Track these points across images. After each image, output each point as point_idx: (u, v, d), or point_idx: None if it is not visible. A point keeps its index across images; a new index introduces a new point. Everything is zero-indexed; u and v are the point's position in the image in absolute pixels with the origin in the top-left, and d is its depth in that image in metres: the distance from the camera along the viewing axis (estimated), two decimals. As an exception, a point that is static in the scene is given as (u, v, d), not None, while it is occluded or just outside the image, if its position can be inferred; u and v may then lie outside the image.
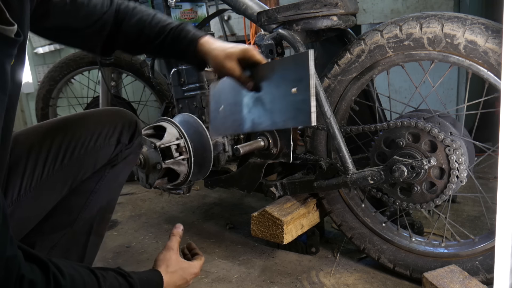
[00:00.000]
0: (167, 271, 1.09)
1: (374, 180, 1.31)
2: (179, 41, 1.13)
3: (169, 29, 1.14)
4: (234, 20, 3.04)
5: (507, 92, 0.90)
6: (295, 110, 0.94)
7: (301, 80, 0.92)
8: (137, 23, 1.14)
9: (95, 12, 1.09)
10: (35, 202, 1.03)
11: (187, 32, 1.14)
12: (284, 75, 0.96)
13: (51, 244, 1.10)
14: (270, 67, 1.02)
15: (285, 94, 0.96)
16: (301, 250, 1.64)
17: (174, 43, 1.14)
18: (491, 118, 1.44)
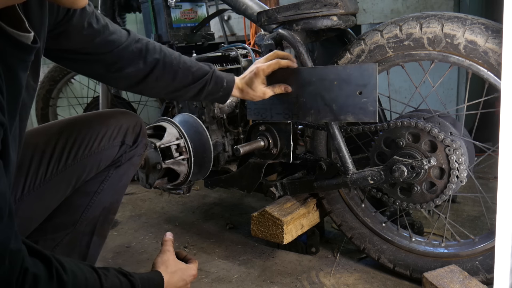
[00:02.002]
0: (167, 272, 1.09)
1: (374, 180, 1.31)
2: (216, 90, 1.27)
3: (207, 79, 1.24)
4: (234, 20, 3.04)
5: (507, 92, 0.90)
6: (359, 108, 1.20)
7: (365, 85, 1.18)
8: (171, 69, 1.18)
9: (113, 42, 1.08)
10: (38, 202, 1.03)
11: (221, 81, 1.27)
12: (350, 79, 1.19)
13: (53, 243, 1.10)
14: (333, 71, 1.23)
15: (349, 95, 1.20)
16: (301, 250, 1.64)
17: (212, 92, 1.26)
18: (491, 118, 1.44)
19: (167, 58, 1.17)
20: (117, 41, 1.08)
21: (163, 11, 1.83)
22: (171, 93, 1.24)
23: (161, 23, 1.86)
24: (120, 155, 1.14)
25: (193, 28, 1.93)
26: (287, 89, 1.31)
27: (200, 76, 1.22)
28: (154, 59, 1.14)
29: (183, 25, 1.90)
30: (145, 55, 1.13)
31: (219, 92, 1.27)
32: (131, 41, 1.12)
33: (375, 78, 1.16)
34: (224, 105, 1.67)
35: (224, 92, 1.28)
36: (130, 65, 1.12)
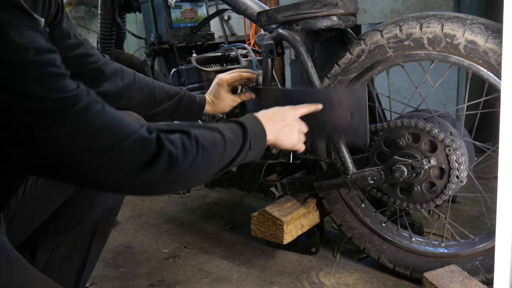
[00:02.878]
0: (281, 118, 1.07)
1: (374, 180, 1.31)
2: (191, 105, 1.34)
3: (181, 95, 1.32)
4: (234, 20, 3.04)
5: (507, 92, 0.90)
6: (351, 131, 1.21)
7: (356, 109, 1.18)
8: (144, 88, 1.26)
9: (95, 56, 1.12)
10: (40, 202, 1.03)
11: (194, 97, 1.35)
12: (341, 102, 1.21)
13: (54, 244, 1.10)
14: (325, 92, 1.26)
15: (341, 117, 1.21)
16: (301, 250, 1.64)
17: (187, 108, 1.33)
18: (491, 118, 1.44)
19: (142, 78, 1.25)
20: (97, 56, 1.13)
21: (163, 11, 1.83)
22: (150, 111, 1.27)
23: (161, 23, 1.86)
24: None
25: (193, 28, 1.93)
26: (252, 96, 1.41)
27: (175, 94, 1.30)
28: (130, 79, 1.21)
29: (183, 25, 1.90)
30: (121, 74, 1.20)
31: (193, 107, 1.33)
32: (107, 60, 1.17)
33: (365, 101, 1.16)
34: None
35: (198, 106, 1.35)
36: (109, 81, 1.15)
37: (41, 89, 0.62)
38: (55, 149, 0.65)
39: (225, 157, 0.86)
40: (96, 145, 0.67)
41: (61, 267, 1.12)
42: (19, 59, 0.61)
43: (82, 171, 0.68)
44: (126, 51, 2.43)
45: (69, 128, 0.65)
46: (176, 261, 1.66)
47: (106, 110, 0.70)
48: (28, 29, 0.62)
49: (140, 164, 0.71)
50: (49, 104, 0.63)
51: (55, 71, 0.64)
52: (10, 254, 0.79)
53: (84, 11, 3.42)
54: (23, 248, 1.03)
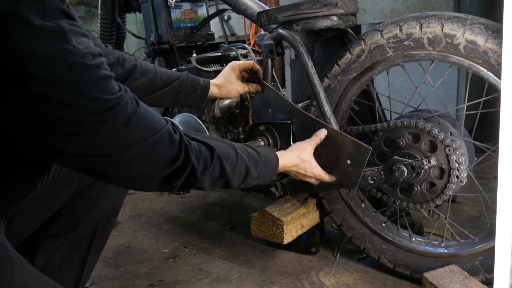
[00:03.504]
0: (294, 153, 1.19)
1: (374, 180, 1.31)
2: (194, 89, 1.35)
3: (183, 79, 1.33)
4: (234, 20, 3.05)
5: (507, 92, 0.90)
6: (344, 173, 1.26)
7: (355, 159, 1.23)
8: None
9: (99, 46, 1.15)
10: (40, 204, 1.03)
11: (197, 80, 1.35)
12: (344, 148, 1.25)
13: (54, 246, 1.10)
14: (332, 133, 1.27)
15: (340, 158, 1.25)
16: (301, 250, 1.64)
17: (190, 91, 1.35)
18: (491, 118, 1.44)
19: (143, 64, 1.28)
20: (100, 46, 1.15)
21: (163, 11, 1.83)
22: (150, 95, 1.28)
23: (161, 23, 1.86)
24: None
25: (193, 28, 1.93)
26: (258, 88, 1.45)
27: (177, 77, 1.32)
28: (131, 65, 1.24)
29: (183, 25, 1.90)
30: (122, 62, 1.23)
31: (197, 90, 1.34)
32: (110, 50, 1.20)
33: (366, 158, 1.21)
34: (224, 105, 1.67)
35: (202, 90, 1.35)
36: None
37: (97, 90, 0.69)
38: (100, 143, 0.72)
39: (235, 180, 0.96)
40: (132, 139, 0.75)
41: (60, 269, 1.12)
42: (82, 63, 0.67)
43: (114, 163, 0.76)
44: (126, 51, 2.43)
45: (114, 125, 0.72)
46: (176, 261, 1.66)
47: (140, 106, 0.78)
48: (82, 36, 0.69)
49: (164, 159, 0.80)
50: (103, 104, 0.70)
51: (106, 73, 0.71)
52: (11, 254, 0.79)
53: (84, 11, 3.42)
54: (23, 250, 1.03)
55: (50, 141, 0.69)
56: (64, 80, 0.65)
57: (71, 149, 0.71)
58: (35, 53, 0.63)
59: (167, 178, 0.82)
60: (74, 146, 0.70)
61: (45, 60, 0.63)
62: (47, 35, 0.63)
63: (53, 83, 0.64)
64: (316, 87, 1.35)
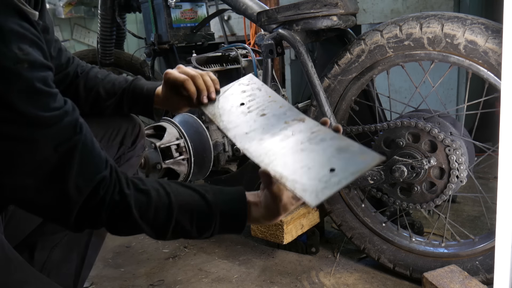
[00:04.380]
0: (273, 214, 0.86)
1: (374, 180, 1.31)
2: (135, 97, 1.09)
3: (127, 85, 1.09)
4: (234, 20, 3.04)
5: (507, 92, 0.90)
6: None
7: None
8: None
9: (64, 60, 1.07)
10: None
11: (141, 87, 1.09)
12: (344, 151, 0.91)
13: (52, 244, 1.10)
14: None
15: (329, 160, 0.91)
16: (301, 250, 1.64)
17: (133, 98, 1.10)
18: (491, 118, 1.44)
19: (92, 71, 1.14)
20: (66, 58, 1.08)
21: (163, 11, 1.83)
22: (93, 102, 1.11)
23: (161, 23, 1.86)
24: (118, 156, 1.14)
25: (193, 28, 1.93)
26: None
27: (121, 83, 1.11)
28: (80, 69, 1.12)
29: (183, 25, 1.90)
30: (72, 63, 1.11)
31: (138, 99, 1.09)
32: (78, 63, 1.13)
33: None
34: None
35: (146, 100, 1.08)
36: None
37: (26, 103, 0.63)
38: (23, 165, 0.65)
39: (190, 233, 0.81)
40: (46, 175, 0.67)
41: (59, 267, 1.12)
42: (15, 69, 0.61)
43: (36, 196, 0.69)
44: (126, 51, 2.43)
45: (38, 147, 0.65)
46: (176, 261, 1.66)
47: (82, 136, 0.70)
48: (29, 42, 0.63)
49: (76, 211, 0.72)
50: (30, 119, 0.63)
51: (42, 88, 0.65)
52: (8, 253, 0.79)
53: (84, 11, 3.42)
54: (21, 248, 1.03)
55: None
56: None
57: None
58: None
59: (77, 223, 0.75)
60: None
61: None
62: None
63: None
64: (316, 87, 1.35)
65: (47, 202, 0.70)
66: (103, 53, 2.15)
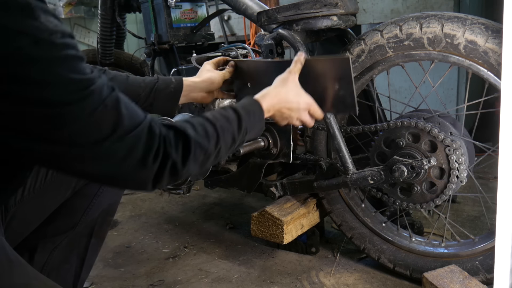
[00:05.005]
0: (276, 86, 1.05)
1: (374, 180, 1.31)
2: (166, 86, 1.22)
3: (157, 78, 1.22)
4: (234, 20, 3.04)
5: (507, 92, 0.90)
6: (339, 102, 1.13)
7: (341, 78, 1.10)
8: None
9: None
10: (38, 204, 1.03)
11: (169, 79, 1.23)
12: (326, 73, 1.13)
13: (52, 246, 1.10)
14: (309, 64, 1.14)
15: (326, 88, 1.13)
16: (301, 250, 1.64)
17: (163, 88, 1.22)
18: (491, 118, 1.44)
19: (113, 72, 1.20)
20: None
21: (163, 11, 1.83)
22: None
23: (161, 23, 1.86)
24: None
25: (193, 28, 1.93)
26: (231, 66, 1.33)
27: (148, 82, 1.22)
28: None
29: (183, 25, 1.90)
30: None
31: (170, 86, 1.23)
32: None
33: (350, 70, 1.09)
34: (224, 105, 1.67)
35: (176, 86, 1.24)
36: None
37: (67, 69, 0.65)
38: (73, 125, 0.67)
39: (221, 146, 0.87)
40: (109, 123, 0.70)
41: (59, 268, 1.13)
42: (50, 40, 0.63)
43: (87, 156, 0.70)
44: (126, 51, 2.43)
45: (89, 106, 0.67)
46: (176, 261, 1.66)
47: (116, 92, 0.73)
48: (52, 16, 0.66)
49: (145, 154, 0.73)
50: (73, 82, 0.66)
51: (76, 54, 0.68)
52: (10, 255, 0.79)
53: (84, 11, 3.42)
54: (21, 250, 1.03)
55: (19, 124, 0.64)
56: (31, 56, 0.62)
57: (44, 134, 0.66)
58: None
59: (149, 175, 0.76)
60: (47, 130, 0.66)
61: (10, 35, 0.60)
62: (12, 10, 0.61)
63: (19, 59, 0.61)
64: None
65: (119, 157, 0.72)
66: (103, 53, 2.15)
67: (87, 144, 0.68)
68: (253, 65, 1.32)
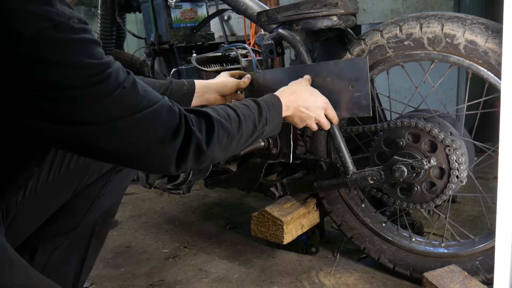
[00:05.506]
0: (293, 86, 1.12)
1: (374, 180, 1.31)
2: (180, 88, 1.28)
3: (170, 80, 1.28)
4: (234, 20, 3.05)
5: (507, 92, 0.90)
6: (353, 103, 1.17)
7: (357, 79, 1.14)
8: None
9: None
10: (39, 205, 1.03)
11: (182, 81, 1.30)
12: (341, 75, 1.17)
13: (53, 247, 1.10)
14: (325, 67, 1.21)
15: (342, 90, 1.17)
16: (301, 250, 1.64)
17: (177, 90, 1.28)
18: (491, 118, 1.44)
19: None
20: None
21: (163, 11, 1.83)
22: None
23: (161, 23, 1.86)
24: None
25: (193, 28, 1.93)
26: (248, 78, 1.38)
27: (163, 82, 1.28)
28: None
29: (183, 25, 1.90)
30: None
31: (183, 88, 1.29)
32: None
33: (367, 71, 1.15)
34: None
35: (189, 87, 1.30)
36: None
37: (85, 52, 0.68)
38: (95, 106, 0.69)
39: (243, 130, 0.90)
40: (129, 104, 0.72)
41: (59, 269, 1.13)
42: (68, 24, 0.66)
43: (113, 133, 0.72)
44: (126, 51, 2.43)
45: (108, 87, 0.70)
46: (176, 261, 1.66)
47: (131, 75, 0.75)
48: (67, 6, 0.68)
49: (165, 130, 0.75)
50: (93, 65, 0.68)
51: (93, 38, 0.70)
52: (11, 255, 0.79)
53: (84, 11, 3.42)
54: (22, 251, 1.03)
55: (41, 107, 0.66)
56: (50, 38, 0.64)
57: (65, 116, 0.67)
58: (20, 11, 0.62)
59: (171, 154, 0.77)
60: (69, 112, 0.67)
61: (30, 19, 0.62)
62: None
63: (39, 41, 0.63)
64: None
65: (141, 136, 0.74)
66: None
67: (107, 122, 0.70)
68: (270, 74, 1.36)
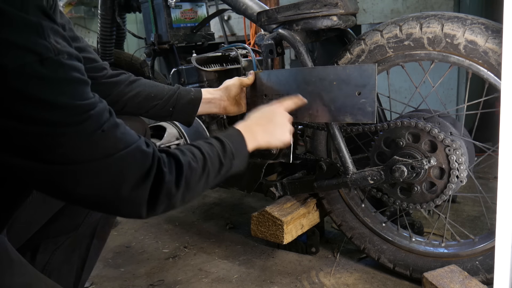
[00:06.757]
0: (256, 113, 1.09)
1: (374, 180, 1.31)
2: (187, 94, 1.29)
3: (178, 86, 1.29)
4: (234, 20, 3.05)
5: (507, 92, 0.90)
6: (358, 109, 1.17)
7: (364, 86, 1.15)
8: None
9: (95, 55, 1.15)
10: (41, 204, 1.03)
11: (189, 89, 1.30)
12: (349, 80, 1.17)
13: (54, 246, 1.10)
14: (333, 71, 1.20)
15: (348, 95, 1.17)
16: (301, 250, 1.64)
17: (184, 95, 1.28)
18: (491, 118, 1.44)
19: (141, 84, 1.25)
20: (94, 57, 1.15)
21: (163, 11, 1.83)
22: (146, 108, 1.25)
23: (161, 23, 1.86)
24: None
25: (193, 28, 1.93)
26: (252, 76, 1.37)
27: (171, 87, 1.29)
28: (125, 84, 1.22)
29: (183, 25, 1.90)
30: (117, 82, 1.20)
31: (190, 94, 1.29)
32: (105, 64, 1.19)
33: (375, 78, 1.15)
34: None
35: (196, 94, 1.30)
36: None
37: (70, 91, 0.66)
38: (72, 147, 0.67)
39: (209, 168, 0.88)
40: (105, 147, 0.71)
41: (60, 269, 1.13)
42: (57, 60, 0.64)
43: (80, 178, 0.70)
44: (126, 51, 2.43)
45: (87, 129, 0.68)
46: (176, 261, 1.66)
47: (113, 117, 0.74)
48: (62, 38, 0.67)
49: (137, 172, 0.74)
50: (75, 105, 0.67)
51: (81, 77, 0.69)
52: (12, 254, 0.79)
53: (84, 11, 3.42)
54: (24, 250, 1.03)
55: (17, 141, 0.64)
56: (36, 74, 0.62)
57: (39, 154, 0.66)
58: (7, 44, 0.60)
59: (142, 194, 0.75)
60: (43, 150, 0.66)
61: (17, 52, 0.61)
62: (22, 28, 0.62)
63: (23, 76, 0.61)
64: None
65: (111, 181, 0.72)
66: (103, 53, 2.15)
67: (80, 163, 0.68)
68: (275, 75, 1.35)
